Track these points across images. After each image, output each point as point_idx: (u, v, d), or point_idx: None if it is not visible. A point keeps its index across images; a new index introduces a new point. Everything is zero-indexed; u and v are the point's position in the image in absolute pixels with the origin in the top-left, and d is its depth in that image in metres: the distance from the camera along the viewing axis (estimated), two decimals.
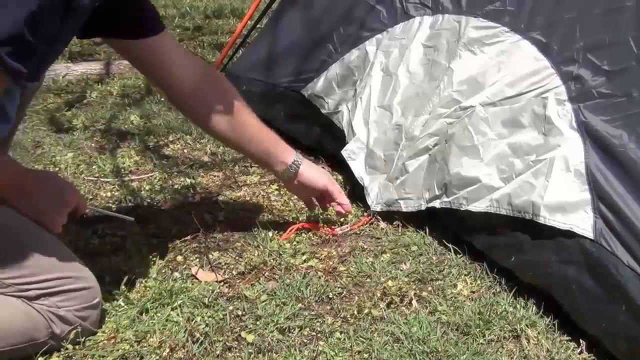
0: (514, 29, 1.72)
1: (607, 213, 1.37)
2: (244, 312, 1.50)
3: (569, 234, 1.41)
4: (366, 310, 1.52)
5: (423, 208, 1.78)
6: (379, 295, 1.58)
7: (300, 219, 1.93)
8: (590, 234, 1.38)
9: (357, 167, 1.99)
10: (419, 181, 1.81)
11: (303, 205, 2.02)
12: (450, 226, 1.82)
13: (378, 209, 1.89)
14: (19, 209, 1.34)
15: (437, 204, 1.74)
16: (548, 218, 1.45)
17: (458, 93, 1.77)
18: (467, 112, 1.71)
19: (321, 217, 1.93)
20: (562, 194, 1.45)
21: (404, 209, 1.84)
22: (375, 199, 1.90)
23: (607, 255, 1.34)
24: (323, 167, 2.08)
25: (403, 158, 1.85)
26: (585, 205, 1.41)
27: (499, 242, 1.62)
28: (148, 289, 1.56)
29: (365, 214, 1.94)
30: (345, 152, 2.01)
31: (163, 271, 1.65)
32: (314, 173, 1.81)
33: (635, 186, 1.36)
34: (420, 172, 1.81)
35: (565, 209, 1.43)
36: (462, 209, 1.65)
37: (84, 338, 1.38)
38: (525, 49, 1.68)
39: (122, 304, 1.51)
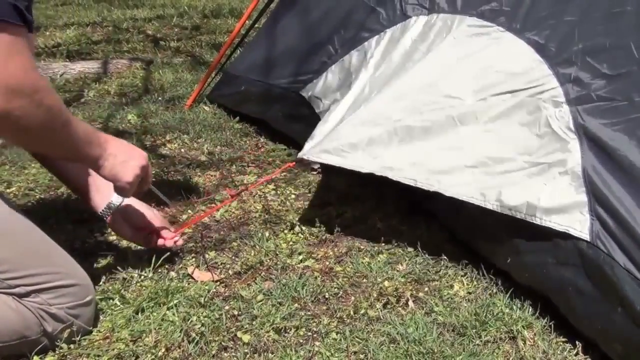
0: (509, 29, 1.72)
1: (603, 215, 1.37)
2: (240, 312, 1.50)
3: (565, 236, 1.41)
4: (362, 311, 1.52)
5: (365, 172, 1.68)
6: (375, 295, 1.58)
7: (297, 219, 1.93)
8: (586, 236, 1.38)
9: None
10: (363, 144, 1.70)
11: (300, 206, 2.02)
12: (448, 226, 1.82)
13: (304, 157, 1.77)
14: (99, 169, 1.40)
15: (390, 175, 1.66)
16: (544, 219, 1.45)
17: (433, 75, 1.72)
18: (450, 98, 1.67)
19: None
20: (558, 196, 1.45)
21: (334, 163, 1.72)
22: (308, 149, 1.78)
23: (603, 257, 1.34)
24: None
25: (352, 120, 1.76)
26: (582, 207, 1.41)
27: (495, 244, 1.62)
28: (144, 288, 1.56)
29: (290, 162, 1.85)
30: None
31: (159, 270, 1.65)
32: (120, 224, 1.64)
33: (635, 189, 1.36)
34: (366, 136, 1.70)
35: (561, 210, 1.43)
36: (431, 189, 1.61)
37: (79, 337, 1.37)
38: (520, 47, 1.67)
39: (118, 303, 1.51)
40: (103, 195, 1.58)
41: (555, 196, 1.45)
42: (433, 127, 1.66)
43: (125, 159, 1.43)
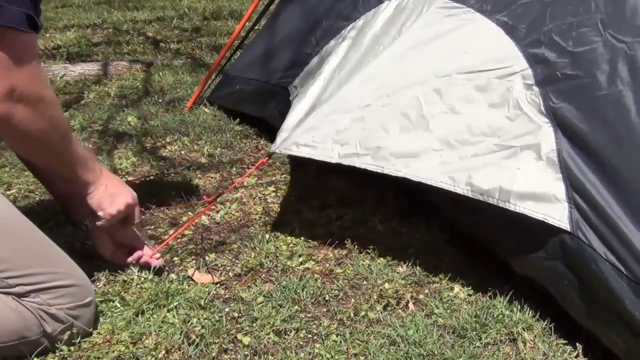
0: (479, 10, 1.68)
1: (581, 203, 1.35)
2: (240, 314, 1.50)
3: (551, 230, 1.39)
4: (362, 313, 1.52)
5: (334, 162, 1.66)
6: (375, 297, 1.58)
7: (297, 221, 1.93)
8: (566, 226, 1.36)
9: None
10: (332, 134, 1.67)
11: (300, 208, 2.02)
12: (449, 218, 1.81)
13: (277, 151, 1.75)
14: (87, 195, 1.45)
15: (357, 162, 1.63)
16: (519, 205, 1.41)
17: (402, 58, 1.70)
18: (416, 79, 1.64)
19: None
20: (534, 183, 1.41)
21: (304, 155, 1.69)
22: (279, 142, 1.76)
23: (585, 248, 1.33)
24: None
25: (321, 110, 1.74)
26: (560, 195, 1.38)
27: (494, 236, 1.62)
28: (144, 290, 1.56)
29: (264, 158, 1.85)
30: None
31: (159, 273, 1.65)
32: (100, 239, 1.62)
33: (605, 174, 1.34)
34: (336, 125, 1.68)
35: (537, 197, 1.40)
36: (398, 175, 1.57)
37: (79, 339, 1.38)
38: (490, 29, 1.63)
39: (118, 305, 1.51)
40: (87, 209, 1.57)
41: (530, 181, 1.42)
42: (398, 109, 1.63)
43: (115, 192, 1.49)
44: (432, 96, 1.61)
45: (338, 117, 1.68)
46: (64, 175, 1.46)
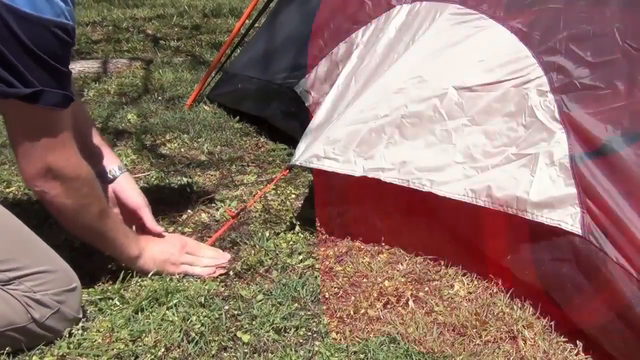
0: (492, 17, 1.67)
1: (593, 208, 1.36)
2: (239, 312, 1.50)
3: (559, 231, 1.40)
4: (362, 311, 1.52)
5: (358, 175, 1.69)
6: (375, 295, 1.57)
7: (297, 219, 1.92)
8: (578, 230, 1.36)
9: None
10: (352, 146, 1.70)
11: (300, 205, 2.02)
12: (448, 223, 1.80)
13: (297, 163, 1.78)
14: (140, 268, 1.59)
15: (382, 176, 1.66)
16: (536, 214, 1.43)
17: (418, 67, 1.70)
18: (435, 91, 1.65)
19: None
20: (548, 189, 1.42)
21: (326, 168, 1.73)
22: (299, 155, 1.78)
23: (596, 252, 1.33)
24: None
25: (339, 120, 1.75)
26: (572, 200, 1.39)
27: (495, 240, 1.61)
28: (143, 287, 1.56)
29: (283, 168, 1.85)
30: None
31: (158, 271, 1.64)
32: (131, 190, 1.71)
33: (620, 180, 1.34)
34: (356, 137, 1.70)
35: (552, 204, 1.41)
36: (423, 189, 1.61)
37: (73, 327, 1.38)
38: (504, 36, 1.63)
39: (118, 302, 1.51)
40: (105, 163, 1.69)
41: (545, 189, 1.43)
42: (420, 122, 1.64)
43: (163, 250, 1.62)
44: (455, 109, 1.62)
45: (358, 128, 1.69)
46: (110, 253, 1.56)
